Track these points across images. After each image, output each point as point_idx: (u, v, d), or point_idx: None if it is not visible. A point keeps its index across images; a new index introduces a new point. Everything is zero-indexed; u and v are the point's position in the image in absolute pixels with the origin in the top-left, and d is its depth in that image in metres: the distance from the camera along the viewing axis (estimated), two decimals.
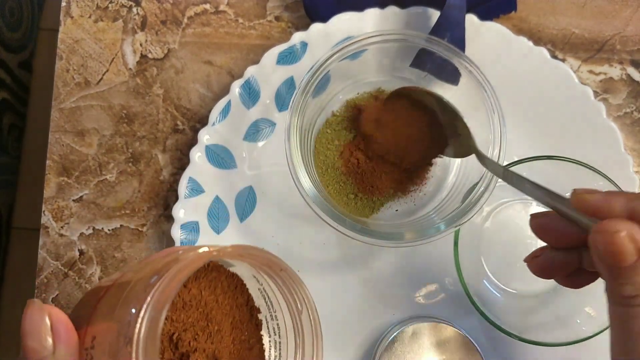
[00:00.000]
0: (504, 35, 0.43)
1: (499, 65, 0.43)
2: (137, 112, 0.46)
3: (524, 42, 0.43)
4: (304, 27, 0.44)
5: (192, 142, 0.45)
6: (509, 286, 0.43)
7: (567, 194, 0.42)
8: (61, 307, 0.45)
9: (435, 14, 0.43)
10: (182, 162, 0.46)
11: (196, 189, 0.42)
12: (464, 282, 0.38)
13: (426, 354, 0.39)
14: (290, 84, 0.43)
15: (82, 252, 0.45)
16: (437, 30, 0.40)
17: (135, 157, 0.46)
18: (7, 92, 0.88)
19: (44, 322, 0.22)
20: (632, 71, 0.46)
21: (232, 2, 0.47)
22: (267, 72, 0.43)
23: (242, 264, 0.27)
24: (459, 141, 0.39)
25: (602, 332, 0.37)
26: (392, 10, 0.43)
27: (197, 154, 0.42)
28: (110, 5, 0.47)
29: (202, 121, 0.46)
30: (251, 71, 0.43)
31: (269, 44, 0.46)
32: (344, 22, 0.43)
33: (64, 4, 0.47)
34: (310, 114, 0.41)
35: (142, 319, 0.19)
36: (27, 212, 0.96)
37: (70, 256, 0.45)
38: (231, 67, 0.47)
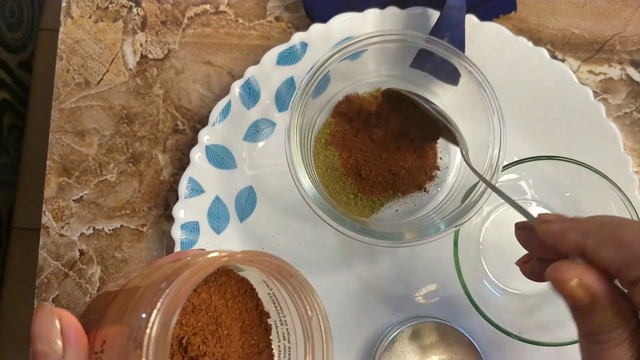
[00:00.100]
0: (503, 35, 0.43)
1: (499, 65, 0.43)
2: (138, 113, 0.46)
3: (524, 42, 0.43)
4: (304, 27, 0.44)
5: (192, 142, 0.46)
6: (509, 286, 0.43)
7: (567, 194, 0.42)
8: (61, 307, 0.45)
9: (435, 15, 0.43)
10: (182, 162, 0.46)
11: (196, 189, 0.42)
12: (464, 282, 0.38)
13: (426, 354, 0.40)
14: (290, 84, 0.43)
15: (82, 252, 0.45)
16: (437, 30, 0.40)
17: (135, 158, 0.46)
18: (8, 92, 0.88)
19: (54, 326, 0.22)
20: (631, 71, 0.46)
21: (232, 2, 0.47)
22: (267, 72, 0.43)
23: (251, 269, 0.27)
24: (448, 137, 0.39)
25: None
26: (392, 10, 0.43)
27: (197, 154, 0.42)
28: (110, 5, 0.47)
29: (202, 121, 0.46)
30: (251, 71, 0.43)
31: (269, 44, 0.46)
32: (344, 23, 0.43)
33: (64, 5, 0.47)
34: (310, 114, 0.41)
35: (153, 323, 0.19)
36: (27, 212, 0.96)
37: (70, 256, 0.45)
38: (231, 68, 0.47)
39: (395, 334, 0.40)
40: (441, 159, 0.43)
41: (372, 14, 0.43)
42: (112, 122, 0.46)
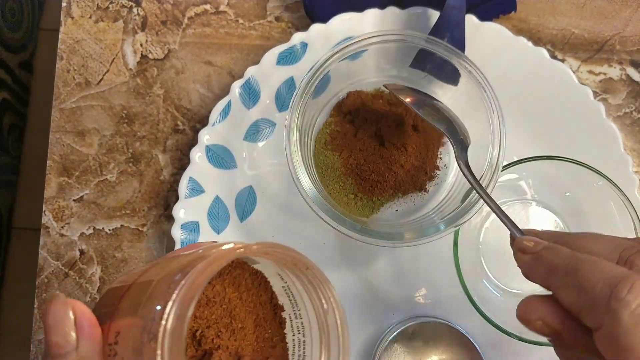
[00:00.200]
0: (503, 35, 0.43)
1: (499, 65, 0.43)
2: (138, 113, 0.46)
3: (524, 42, 0.43)
4: (304, 27, 0.44)
5: (193, 142, 0.46)
6: (509, 286, 0.43)
7: (567, 194, 0.42)
8: None
9: (435, 15, 0.43)
10: (182, 162, 0.46)
11: (196, 189, 0.42)
12: (464, 282, 0.38)
13: (426, 354, 0.40)
14: (290, 84, 0.44)
15: (82, 252, 0.45)
16: (437, 30, 0.40)
17: (135, 157, 0.46)
18: (8, 92, 0.88)
19: (68, 317, 0.21)
20: (631, 71, 0.46)
21: (232, 2, 0.47)
22: (267, 72, 0.43)
23: (266, 261, 0.26)
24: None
25: None
26: (392, 10, 0.43)
27: (197, 154, 0.42)
28: (110, 5, 0.47)
29: (203, 121, 0.46)
30: (251, 71, 0.43)
31: (269, 44, 0.46)
32: (344, 23, 0.43)
33: (64, 5, 0.47)
34: (310, 114, 0.41)
35: (168, 315, 0.19)
36: (27, 212, 0.96)
37: (70, 256, 0.45)
38: (231, 68, 0.47)
39: (395, 334, 0.40)
40: (441, 158, 0.43)
41: (372, 14, 0.43)
42: (112, 122, 0.46)
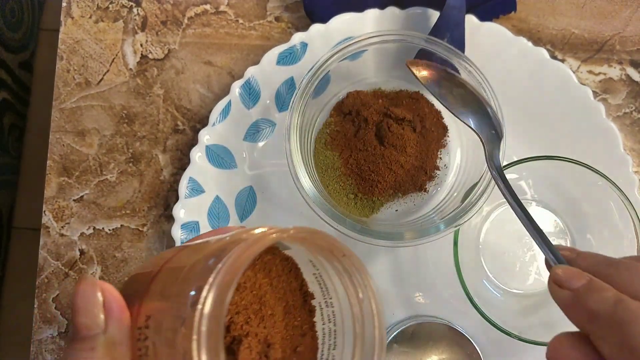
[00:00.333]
0: (503, 35, 0.43)
1: (499, 65, 0.43)
2: (138, 113, 0.46)
3: (524, 42, 0.43)
4: (304, 27, 0.44)
5: (193, 142, 0.46)
6: (509, 286, 0.43)
7: (567, 194, 0.42)
8: (62, 307, 0.45)
9: (434, 15, 0.43)
10: (182, 162, 0.46)
11: (196, 189, 0.42)
12: (464, 282, 0.38)
13: (426, 354, 0.40)
14: (290, 84, 0.44)
15: (82, 252, 0.45)
16: (437, 30, 0.40)
17: (135, 157, 0.46)
18: (8, 92, 0.88)
19: (97, 298, 0.21)
20: (631, 71, 0.46)
21: (232, 2, 0.47)
22: (267, 72, 0.43)
23: (299, 247, 0.25)
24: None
25: None
26: (392, 10, 0.43)
27: (197, 154, 0.42)
28: (110, 5, 0.47)
29: (203, 121, 0.46)
30: (251, 71, 0.43)
31: (269, 44, 0.46)
32: (344, 23, 0.43)
33: (64, 5, 0.47)
34: (310, 114, 0.41)
35: (205, 299, 0.18)
36: (27, 212, 0.96)
37: (70, 256, 0.45)
38: (231, 68, 0.47)
39: (395, 334, 0.40)
40: (441, 158, 0.43)
41: (372, 14, 0.43)
42: (112, 122, 0.46)
